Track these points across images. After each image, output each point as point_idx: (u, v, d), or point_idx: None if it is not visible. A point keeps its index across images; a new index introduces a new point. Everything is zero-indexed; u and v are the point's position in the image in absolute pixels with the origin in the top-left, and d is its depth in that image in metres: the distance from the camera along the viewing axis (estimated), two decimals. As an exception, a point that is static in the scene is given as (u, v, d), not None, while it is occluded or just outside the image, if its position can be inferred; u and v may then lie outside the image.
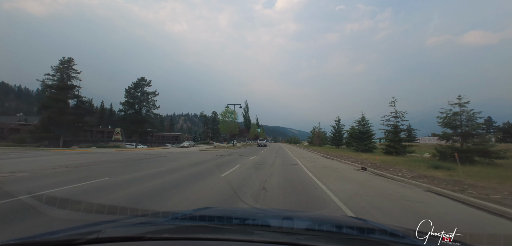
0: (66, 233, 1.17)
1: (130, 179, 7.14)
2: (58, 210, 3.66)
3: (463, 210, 4.83)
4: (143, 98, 46.73)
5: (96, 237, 1.09)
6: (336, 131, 40.29)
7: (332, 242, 1.23)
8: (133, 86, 46.02)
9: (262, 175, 8.63)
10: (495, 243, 2.85)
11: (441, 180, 7.79)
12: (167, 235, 1.24)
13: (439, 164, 11.38)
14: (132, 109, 45.86)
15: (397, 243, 1.22)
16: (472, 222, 4.20)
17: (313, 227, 1.45)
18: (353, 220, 2.10)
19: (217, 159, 14.74)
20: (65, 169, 9.09)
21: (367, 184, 7.52)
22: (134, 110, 45.86)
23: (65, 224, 2.57)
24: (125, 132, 45.93)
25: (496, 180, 7.57)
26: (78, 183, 6.31)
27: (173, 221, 1.53)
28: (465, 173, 8.38)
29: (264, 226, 1.43)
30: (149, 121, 48.20)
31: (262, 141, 48.66)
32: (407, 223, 3.82)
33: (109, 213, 3.44)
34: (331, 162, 15.33)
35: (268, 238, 1.16)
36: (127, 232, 1.29)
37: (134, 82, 46.16)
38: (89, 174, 7.82)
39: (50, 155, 16.61)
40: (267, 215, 1.85)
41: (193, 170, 9.37)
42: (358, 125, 28.16)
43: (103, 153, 20.13)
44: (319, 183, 7.30)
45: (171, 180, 7.16)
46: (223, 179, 7.70)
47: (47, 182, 6.45)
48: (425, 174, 9.12)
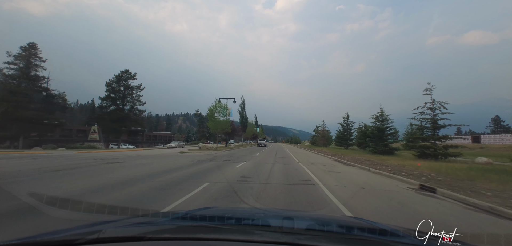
0: (66, 233, 1.17)
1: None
2: None
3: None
4: (127, 93, 41.70)
5: (97, 237, 1.09)
6: (345, 129, 35.10)
7: (332, 242, 1.22)
8: (115, 80, 40.95)
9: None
10: (495, 242, 2.75)
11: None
12: (167, 235, 1.24)
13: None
14: (114, 105, 40.82)
15: (397, 243, 1.22)
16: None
17: (314, 227, 1.45)
18: (353, 220, 2.11)
19: (182, 170, 9.78)
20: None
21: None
22: (116, 106, 40.83)
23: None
24: (107, 130, 40.93)
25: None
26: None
27: (174, 221, 1.53)
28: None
29: (265, 226, 1.42)
30: (134, 119, 43.17)
31: (262, 140, 50.80)
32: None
33: (110, 213, 3.39)
34: (359, 173, 10.35)
35: (268, 238, 1.16)
36: (127, 232, 1.29)
37: (117, 75, 41.10)
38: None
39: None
40: (267, 215, 1.84)
41: (115, 196, 4.63)
42: (375, 120, 23.13)
43: (48, 156, 15.19)
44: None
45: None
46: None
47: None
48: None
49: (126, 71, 41.90)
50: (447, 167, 10.86)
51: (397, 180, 8.31)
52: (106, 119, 39.43)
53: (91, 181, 6.61)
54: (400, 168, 10.93)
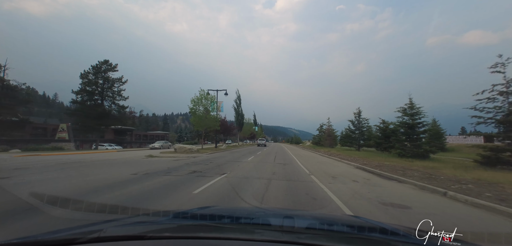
0: (67, 232, 1.15)
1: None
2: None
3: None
4: (106, 87, 36.59)
5: (98, 236, 1.08)
6: (356, 127, 29.80)
7: (333, 241, 1.19)
8: (93, 71, 35.84)
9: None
10: (496, 241, 2.66)
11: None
12: (168, 234, 1.22)
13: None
14: (91, 100, 35.69)
15: (397, 242, 1.20)
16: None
17: (314, 225, 1.45)
18: (354, 219, 2.09)
19: (88, 195, 4.83)
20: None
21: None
22: (94, 102, 35.72)
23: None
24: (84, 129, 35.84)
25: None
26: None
27: (174, 220, 1.53)
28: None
29: (265, 224, 1.42)
30: (116, 117, 38.10)
31: (262, 140, 50.82)
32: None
33: (110, 212, 3.30)
34: (429, 202, 5.34)
35: (269, 236, 1.17)
36: (128, 231, 1.28)
37: (94, 66, 35.99)
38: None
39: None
40: (268, 214, 1.84)
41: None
42: (403, 114, 18.00)
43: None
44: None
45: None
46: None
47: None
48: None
49: (105, 61, 36.71)
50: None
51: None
52: (80, 116, 34.31)
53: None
54: (482, 185, 5.97)
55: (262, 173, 8.82)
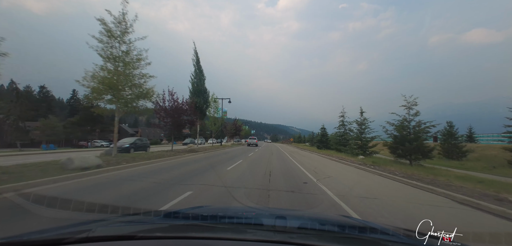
0: (55, 232, 1.11)
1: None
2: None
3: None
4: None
5: (86, 236, 1.04)
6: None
7: (324, 240, 1.17)
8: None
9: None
10: (496, 241, 2.67)
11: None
12: (159, 234, 1.20)
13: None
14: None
15: (396, 242, 1.18)
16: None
17: (306, 225, 1.42)
18: (345, 219, 2.05)
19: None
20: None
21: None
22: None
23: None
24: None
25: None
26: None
27: (166, 220, 1.50)
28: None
29: (257, 224, 1.40)
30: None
31: (253, 139, 39.28)
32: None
33: (100, 211, 3.21)
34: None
35: (261, 236, 1.15)
36: (118, 231, 1.24)
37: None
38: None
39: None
40: (260, 214, 1.85)
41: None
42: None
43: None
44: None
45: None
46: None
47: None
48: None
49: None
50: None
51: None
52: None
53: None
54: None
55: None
